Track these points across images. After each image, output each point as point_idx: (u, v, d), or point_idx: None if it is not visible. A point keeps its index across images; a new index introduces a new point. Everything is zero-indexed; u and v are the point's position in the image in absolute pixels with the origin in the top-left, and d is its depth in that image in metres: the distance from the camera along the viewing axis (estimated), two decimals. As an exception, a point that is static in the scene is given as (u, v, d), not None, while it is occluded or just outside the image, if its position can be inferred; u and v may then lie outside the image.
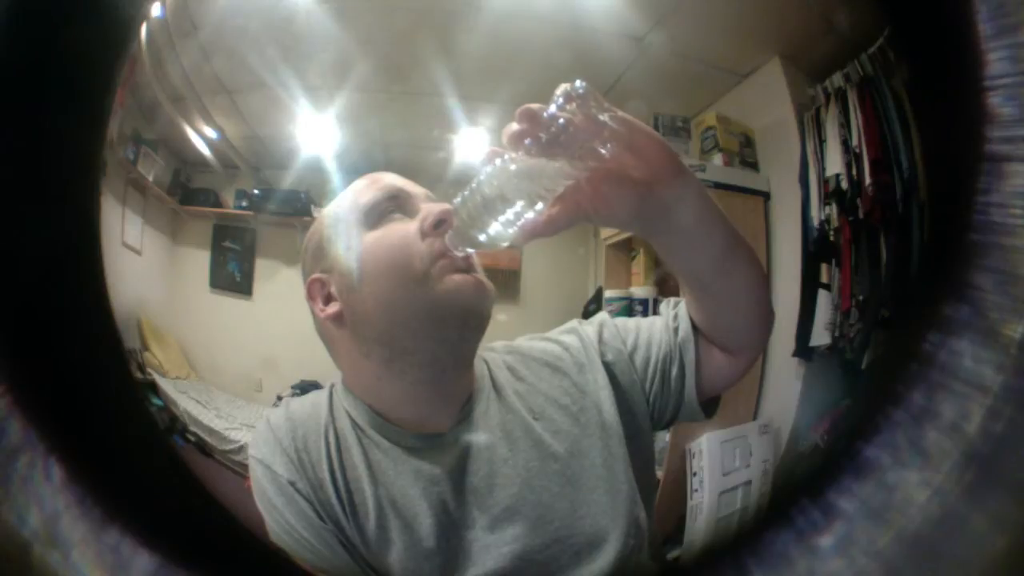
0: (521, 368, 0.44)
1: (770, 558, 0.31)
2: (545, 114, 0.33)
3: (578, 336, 0.44)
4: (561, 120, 0.33)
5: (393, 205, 0.40)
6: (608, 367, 0.43)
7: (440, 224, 0.39)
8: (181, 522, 0.35)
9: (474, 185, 0.35)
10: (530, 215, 0.35)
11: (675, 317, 0.44)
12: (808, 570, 0.30)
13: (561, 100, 0.33)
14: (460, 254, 0.38)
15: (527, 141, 0.33)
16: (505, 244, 0.36)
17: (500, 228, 0.35)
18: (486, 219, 0.35)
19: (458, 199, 0.36)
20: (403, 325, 0.39)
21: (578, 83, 0.33)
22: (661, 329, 0.44)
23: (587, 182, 0.35)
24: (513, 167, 0.34)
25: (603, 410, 0.43)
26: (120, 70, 0.40)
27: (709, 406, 0.44)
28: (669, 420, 0.44)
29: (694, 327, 0.43)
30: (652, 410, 0.44)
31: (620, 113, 0.34)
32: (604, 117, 0.33)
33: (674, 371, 0.43)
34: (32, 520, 0.32)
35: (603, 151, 0.33)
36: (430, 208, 0.40)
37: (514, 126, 0.34)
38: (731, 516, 0.44)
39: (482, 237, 0.36)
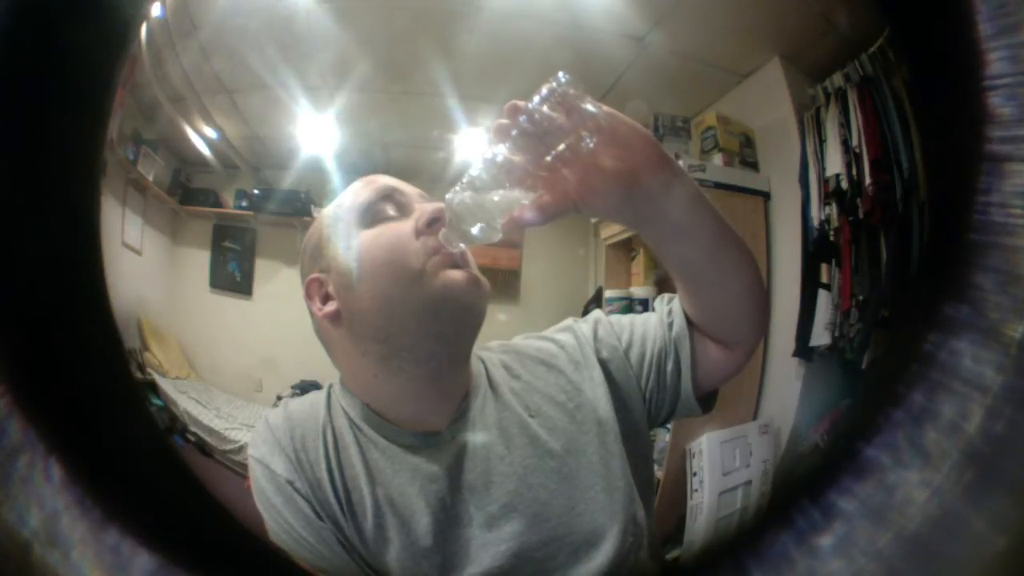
0: (517, 366, 0.44)
1: (770, 558, 0.31)
2: (530, 106, 0.34)
3: (573, 334, 0.45)
4: (546, 110, 0.34)
5: (388, 205, 0.41)
6: (604, 364, 0.44)
7: (434, 222, 0.39)
8: (181, 522, 0.35)
9: (465, 180, 0.36)
10: (520, 206, 0.36)
11: (669, 312, 0.44)
12: (808, 570, 0.30)
13: (546, 92, 0.34)
14: (455, 250, 0.39)
15: (514, 132, 0.34)
16: (498, 237, 0.37)
17: (491, 221, 0.36)
18: (477, 213, 0.35)
19: (449, 194, 0.36)
20: (399, 322, 0.40)
21: (561, 75, 0.34)
22: (656, 325, 0.44)
23: (573, 173, 0.35)
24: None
25: (599, 407, 0.43)
26: (120, 70, 0.40)
27: (706, 401, 0.44)
28: (667, 416, 0.44)
29: (689, 322, 0.43)
30: (649, 406, 0.44)
31: (604, 107, 0.35)
32: (587, 107, 0.34)
33: (669, 366, 0.43)
34: (32, 520, 0.32)
35: (587, 141, 0.34)
36: (424, 207, 0.40)
37: (502, 120, 0.35)
38: (731, 516, 0.44)
39: (475, 230, 0.36)
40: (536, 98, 0.34)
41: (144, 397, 0.42)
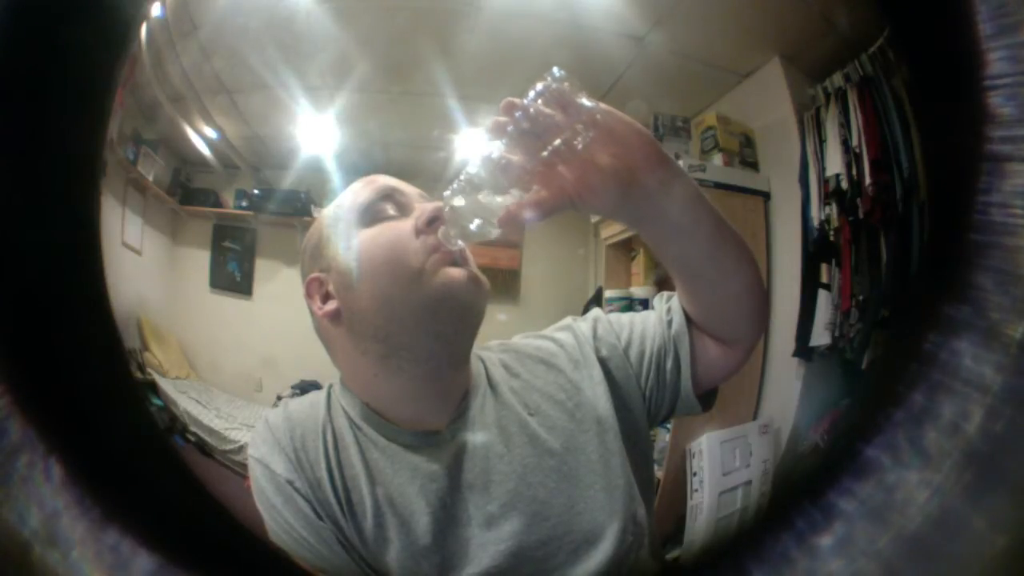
0: (516, 365, 0.44)
1: (770, 558, 0.31)
2: (525, 102, 0.34)
3: (573, 333, 0.45)
4: (541, 105, 0.34)
5: (388, 204, 0.41)
6: (603, 362, 0.44)
7: (434, 221, 0.39)
8: (181, 522, 0.35)
9: (463, 178, 0.36)
10: (517, 203, 0.36)
11: (668, 310, 0.44)
12: (808, 570, 0.30)
13: (541, 88, 0.34)
14: (454, 248, 0.39)
15: (510, 129, 0.35)
16: (496, 234, 0.37)
17: (489, 218, 0.36)
18: (475, 210, 0.36)
19: (447, 192, 0.37)
20: (399, 321, 0.40)
21: (555, 70, 0.34)
22: (655, 323, 0.44)
23: (570, 169, 0.35)
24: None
25: (599, 406, 0.43)
26: (120, 70, 0.40)
27: (706, 399, 0.44)
28: (667, 414, 0.44)
29: (688, 320, 0.43)
30: (648, 405, 0.44)
31: (601, 104, 0.35)
32: (583, 102, 0.34)
33: (669, 364, 0.43)
34: (32, 520, 0.32)
35: (584, 136, 0.34)
36: (424, 206, 0.40)
37: (498, 117, 0.35)
38: (731, 516, 0.44)
39: (473, 227, 0.37)
40: (531, 94, 0.34)
41: (144, 397, 0.42)
